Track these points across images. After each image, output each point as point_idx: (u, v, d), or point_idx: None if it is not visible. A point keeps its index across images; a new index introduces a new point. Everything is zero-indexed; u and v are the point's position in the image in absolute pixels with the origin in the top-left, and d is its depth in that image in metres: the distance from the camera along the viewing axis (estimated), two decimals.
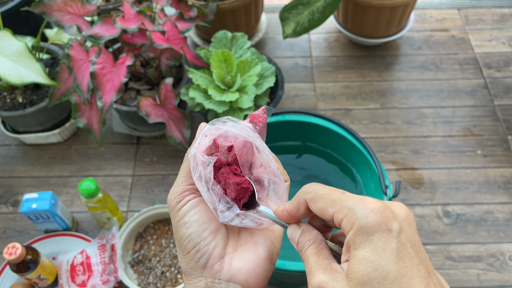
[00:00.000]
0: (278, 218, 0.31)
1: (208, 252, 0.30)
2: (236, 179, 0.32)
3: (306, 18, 0.93)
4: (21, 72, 0.81)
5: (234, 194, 0.32)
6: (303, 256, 0.29)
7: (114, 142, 1.03)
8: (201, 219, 0.31)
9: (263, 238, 0.33)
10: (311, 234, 0.29)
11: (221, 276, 0.30)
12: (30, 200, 0.80)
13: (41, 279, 0.77)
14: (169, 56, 0.89)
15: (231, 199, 0.32)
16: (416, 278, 0.24)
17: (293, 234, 0.30)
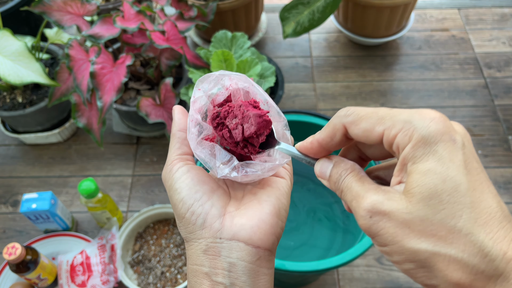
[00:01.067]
0: (305, 153, 0.28)
1: (204, 212, 0.29)
2: (257, 111, 0.29)
3: (306, 18, 0.93)
4: (20, 72, 0.81)
5: (254, 128, 0.29)
6: (341, 186, 0.26)
7: (114, 142, 1.03)
8: (192, 182, 0.29)
9: (267, 195, 0.30)
10: (347, 164, 0.26)
11: (222, 235, 0.28)
12: (29, 200, 0.80)
13: (40, 279, 0.77)
14: (169, 56, 0.89)
15: (249, 135, 0.29)
16: (487, 193, 0.22)
17: (322, 168, 0.27)
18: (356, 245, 0.62)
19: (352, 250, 0.61)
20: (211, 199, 0.29)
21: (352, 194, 0.25)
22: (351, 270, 0.84)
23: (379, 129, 0.24)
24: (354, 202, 0.24)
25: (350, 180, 0.25)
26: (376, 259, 0.85)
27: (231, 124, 0.30)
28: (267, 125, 0.29)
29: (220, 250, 0.28)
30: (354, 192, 0.24)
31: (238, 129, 0.29)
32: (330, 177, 0.27)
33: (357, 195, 0.24)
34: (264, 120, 0.29)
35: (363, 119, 0.24)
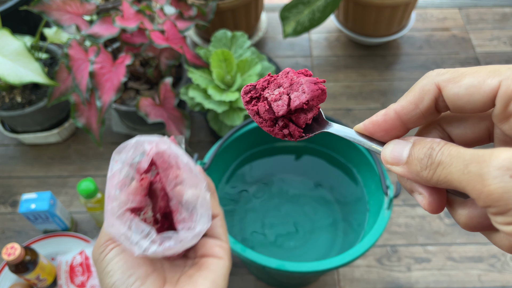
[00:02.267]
0: (371, 131, 0.22)
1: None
2: (310, 78, 0.23)
3: (307, 17, 0.93)
4: (20, 72, 0.81)
5: (307, 96, 0.23)
6: (437, 159, 0.19)
7: (113, 142, 1.03)
8: (125, 265, 0.27)
9: (203, 277, 0.29)
10: (434, 139, 0.20)
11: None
12: (28, 200, 0.80)
13: (40, 280, 0.77)
14: (168, 56, 0.88)
15: (298, 105, 0.23)
16: None
17: (396, 150, 0.21)
18: (356, 246, 0.62)
19: (353, 251, 0.61)
20: (145, 284, 0.27)
21: (464, 160, 0.18)
22: (352, 271, 0.83)
23: (492, 82, 0.19)
24: (474, 166, 0.18)
25: (452, 148, 0.19)
26: (376, 259, 0.85)
27: (272, 95, 0.24)
28: (322, 96, 0.23)
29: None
30: (469, 157, 0.18)
31: (283, 99, 0.23)
32: (410, 157, 0.20)
33: (476, 157, 0.18)
34: (319, 88, 0.23)
35: (467, 74, 0.19)
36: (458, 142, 0.23)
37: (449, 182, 0.19)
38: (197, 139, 1.02)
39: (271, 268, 0.60)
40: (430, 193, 0.21)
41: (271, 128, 0.24)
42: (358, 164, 0.78)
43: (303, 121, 0.24)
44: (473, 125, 0.22)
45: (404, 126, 0.22)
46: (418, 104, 0.21)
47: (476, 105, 0.19)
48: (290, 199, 0.82)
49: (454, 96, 0.20)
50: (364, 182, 0.77)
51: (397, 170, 0.21)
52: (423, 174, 0.20)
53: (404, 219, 0.89)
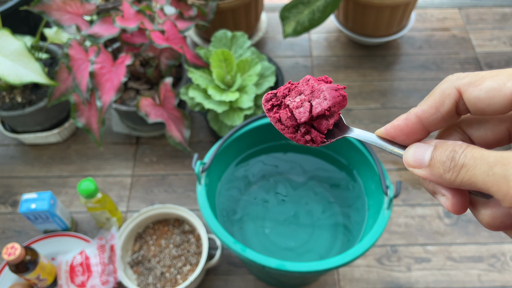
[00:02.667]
0: (393, 135, 0.23)
1: None
2: (331, 85, 0.24)
3: (307, 17, 0.93)
4: (20, 72, 0.81)
5: (328, 102, 0.23)
6: (461, 162, 0.19)
7: (113, 142, 1.03)
8: None
9: None
10: (455, 142, 0.20)
11: None
12: (29, 200, 0.80)
13: (40, 280, 0.77)
14: (168, 56, 0.88)
15: (320, 112, 0.23)
16: None
17: (418, 153, 0.21)
18: (356, 245, 0.62)
19: (353, 250, 0.61)
20: None
21: (488, 162, 0.18)
22: (352, 271, 0.83)
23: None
24: (499, 168, 0.18)
25: (475, 151, 0.19)
26: (376, 259, 0.85)
27: (293, 103, 0.24)
28: (343, 102, 0.24)
29: None
30: (493, 159, 0.18)
31: (304, 106, 0.24)
32: (432, 160, 0.21)
33: (501, 159, 0.18)
34: (340, 95, 0.23)
35: (487, 78, 0.20)
36: (478, 143, 0.23)
37: (473, 184, 0.19)
38: (197, 139, 1.02)
39: (271, 268, 0.60)
40: (453, 195, 0.21)
41: (293, 134, 0.25)
42: (358, 164, 0.78)
43: (325, 127, 0.24)
44: (493, 127, 0.22)
45: (425, 129, 0.22)
46: (439, 108, 0.22)
47: (496, 107, 0.20)
48: (290, 199, 0.82)
49: (475, 99, 0.20)
50: (364, 182, 0.77)
51: (420, 172, 0.21)
52: (446, 176, 0.20)
53: (404, 219, 0.90)
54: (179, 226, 0.86)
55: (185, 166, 0.98)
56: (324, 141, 0.25)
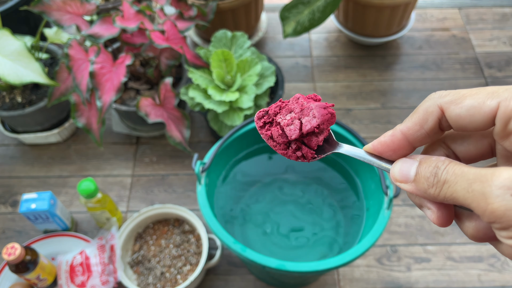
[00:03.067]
0: (380, 150, 0.24)
1: None
2: (319, 103, 0.25)
3: (307, 17, 0.93)
4: (20, 72, 0.81)
5: (317, 120, 0.24)
6: (443, 178, 0.20)
7: (114, 142, 1.03)
8: None
9: None
10: (439, 157, 0.21)
11: None
12: (29, 200, 0.80)
13: (40, 280, 0.77)
14: (168, 56, 0.88)
15: (310, 129, 0.24)
16: None
17: (404, 168, 0.22)
18: (356, 245, 0.62)
19: (353, 250, 0.61)
20: None
21: (468, 179, 0.19)
22: (352, 271, 0.84)
23: (491, 103, 0.20)
24: (477, 185, 0.19)
25: (456, 167, 0.20)
26: (376, 259, 0.85)
27: (284, 120, 0.25)
28: (331, 120, 0.24)
29: None
30: (472, 176, 0.19)
31: (295, 124, 0.25)
32: (417, 175, 0.22)
33: (479, 176, 0.19)
34: (329, 113, 0.24)
35: (468, 96, 0.21)
36: (462, 158, 0.24)
37: (455, 200, 0.20)
38: (197, 139, 1.02)
39: (271, 268, 0.60)
40: (438, 208, 0.22)
41: (285, 151, 0.26)
42: (358, 164, 0.78)
43: (314, 144, 0.25)
44: (476, 142, 0.23)
45: (411, 145, 0.23)
46: (422, 125, 0.22)
47: (477, 124, 0.21)
48: (290, 199, 0.82)
49: (456, 117, 0.21)
50: (364, 182, 0.77)
51: (406, 187, 0.22)
52: (430, 191, 0.21)
53: (404, 219, 0.90)
54: (179, 226, 0.86)
55: (185, 166, 0.98)
56: (314, 156, 0.25)
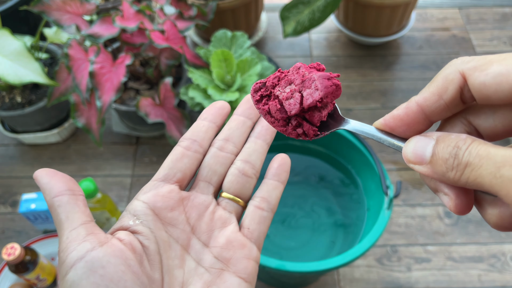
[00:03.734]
0: (392, 126, 0.21)
1: None
2: (323, 73, 0.22)
3: (307, 17, 0.93)
4: (20, 72, 0.81)
5: (320, 93, 0.21)
6: (465, 160, 0.17)
7: (113, 142, 1.03)
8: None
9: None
10: (460, 134, 0.18)
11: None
12: (28, 200, 0.80)
13: (40, 280, 0.77)
14: (168, 56, 0.88)
15: (312, 103, 0.21)
16: None
17: (418, 147, 0.20)
18: (356, 246, 0.62)
19: (353, 251, 0.61)
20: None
21: (495, 162, 0.16)
22: (352, 271, 0.83)
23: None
24: (507, 170, 0.16)
25: (480, 148, 0.17)
26: (376, 259, 0.85)
27: (283, 93, 0.22)
28: (336, 92, 0.22)
29: None
30: (500, 158, 0.16)
31: (295, 97, 0.22)
32: (434, 156, 0.19)
33: (510, 159, 0.16)
34: (333, 84, 0.21)
35: (495, 62, 0.18)
36: (486, 135, 0.21)
37: (479, 185, 0.17)
38: None
39: (271, 268, 0.60)
40: (457, 194, 0.20)
41: (284, 128, 0.23)
42: (358, 164, 0.78)
43: (317, 119, 0.22)
44: (502, 116, 0.20)
45: (427, 119, 0.21)
46: (441, 95, 0.20)
47: (504, 95, 0.18)
48: (290, 199, 0.82)
49: (480, 85, 0.18)
50: (364, 182, 0.77)
51: (420, 169, 0.20)
52: (449, 175, 0.18)
53: (404, 219, 0.89)
54: None
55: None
56: (317, 133, 0.23)
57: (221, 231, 0.27)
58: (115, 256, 0.22)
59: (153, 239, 0.24)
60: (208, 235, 0.26)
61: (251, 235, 0.27)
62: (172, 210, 0.26)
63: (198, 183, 0.28)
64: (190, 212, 0.27)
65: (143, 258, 0.23)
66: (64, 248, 0.22)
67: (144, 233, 0.24)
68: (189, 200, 0.27)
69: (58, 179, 0.24)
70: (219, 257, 0.26)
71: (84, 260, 0.21)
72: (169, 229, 0.26)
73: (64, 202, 0.23)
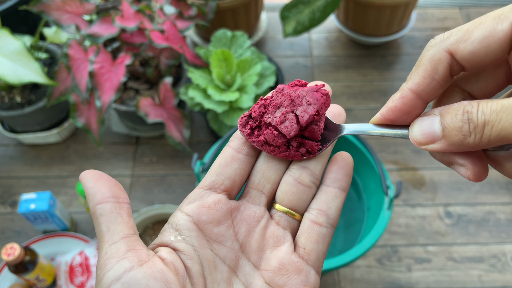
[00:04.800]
0: (391, 118, 0.21)
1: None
2: (309, 87, 0.22)
3: (307, 17, 0.92)
4: (19, 72, 0.81)
5: (314, 107, 0.21)
6: (482, 119, 0.18)
7: (113, 142, 1.03)
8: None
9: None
10: (461, 103, 0.19)
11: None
12: (28, 200, 0.80)
13: (39, 280, 0.77)
14: (168, 55, 0.88)
15: (309, 119, 0.21)
16: None
17: (425, 126, 0.20)
18: (357, 246, 0.62)
19: (353, 251, 0.61)
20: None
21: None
22: (352, 271, 0.83)
23: (503, 27, 0.18)
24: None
25: (491, 104, 0.18)
26: (377, 259, 0.85)
27: (275, 119, 0.22)
28: (327, 102, 0.22)
29: None
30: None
31: (289, 119, 0.22)
32: (445, 130, 0.19)
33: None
34: (323, 95, 0.22)
35: (474, 29, 0.19)
36: (480, 96, 0.22)
37: (504, 138, 0.17)
38: (197, 139, 1.01)
39: None
40: (474, 162, 0.20)
41: (286, 152, 0.23)
42: (358, 164, 0.77)
43: (318, 133, 0.22)
44: (491, 74, 0.21)
45: (423, 102, 0.22)
46: (433, 76, 0.20)
47: (494, 54, 0.19)
48: None
49: (470, 54, 0.19)
50: (364, 182, 0.77)
51: (434, 147, 0.20)
52: (469, 141, 0.18)
53: (404, 219, 0.89)
54: None
55: (185, 166, 0.98)
56: (320, 147, 0.23)
57: (273, 251, 0.23)
58: (155, 278, 0.20)
59: (196, 259, 0.22)
60: (258, 255, 0.23)
61: (308, 256, 0.23)
62: (219, 224, 0.23)
63: (249, 191, 0.25)
64: (239, 226, 0.24)
65: (186, 281, 0.21)
66: (102, 265, 0.20)
67: (187, 252, 0.22)
68: (239, 212, 0.24)
69: (103, 183, 0.22)
70: (272, 283, 0.23)
71: (121, 281, 0.20)
72: (215, 246, 0.23)
73: (107, 211, 0.21)
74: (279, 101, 0.22)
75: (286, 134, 0.22)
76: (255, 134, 0.23)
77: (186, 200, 0.24)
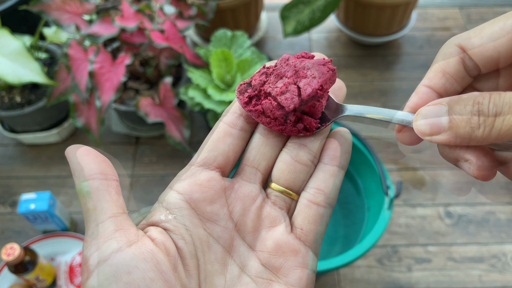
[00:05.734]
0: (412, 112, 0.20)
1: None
2: (316, 59, 0.21)
3: (307, 17, 0.92)
4: (19, 72, 0.81)
5: (319, 81, 0.20)
6: (492, 110, 0.17)
7: (113, 142, 1.03)
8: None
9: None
10: (473, 94, 0.18)
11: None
12: (28, 200, 0.80)
13: (39, 280, 0.77)
14: (168, 55, 0.88)
15: (312, 93, 0.20)
16: None
17: (431, 115, 0.19)
18: (357, 246, 0.62)
19: (353, 251, 0.61)
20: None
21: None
22: (352, 271, 0.83)
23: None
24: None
25: (505, 95, 0.17)
26: (377, 260, 0.84)
27: (276, 89, 0.21)
28: (333, 78, 0.20)
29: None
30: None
31: (291, 90, 0.20)
32: (453, 121, 0.18)
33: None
34: (330, 69, 0.20)
35: (486, 27, 0.19)
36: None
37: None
38: (197, 139, 1.01)
39: None
40: (479, 157, 0.19)
41: (282, 126, 0.22)
42: (359, 164, 0.77)
43: (319, 110, 0.21)
44: (508, 76, 0.21)
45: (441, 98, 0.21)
46: (445, 70, 0.20)
47: (504, 49, 0.18)
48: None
49: (480, 48, 0.19)
50: (365, 182, 0.77)
51: (439, 139, 0.19)
52: (477, 133, 0.17)
53: (404, 219, 0.89)
54: None
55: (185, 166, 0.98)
56: (318, 126, 0.22)
57: (269, 232, 0.22)
58: (145, 259, 0.19)
59: (188, 239, 0.21)
60: (254, 236, 0.22)
61: (305, 237, 0.22)
62: (212, 202, 0.22)
63: (243, 168, 0.23)
64: (234, 205, 0.22)
65: (177, 262, 0.20)
66: (88, 246, 0.19)
67: (178, 232, 0.21)
68: (233, 190, 0.23)
69: (90, 159, 0.21)
70: (267, 264, 0.22)
71: (108, 263, 0.18)
72: (208, 226, 0.22)
73: (94, 189, 0.20)
74: (282, 70, 0.21)
75: (286, 106, 0.21)
76: (252, 103, 0.22)
77: (177, 177, 0.23)
